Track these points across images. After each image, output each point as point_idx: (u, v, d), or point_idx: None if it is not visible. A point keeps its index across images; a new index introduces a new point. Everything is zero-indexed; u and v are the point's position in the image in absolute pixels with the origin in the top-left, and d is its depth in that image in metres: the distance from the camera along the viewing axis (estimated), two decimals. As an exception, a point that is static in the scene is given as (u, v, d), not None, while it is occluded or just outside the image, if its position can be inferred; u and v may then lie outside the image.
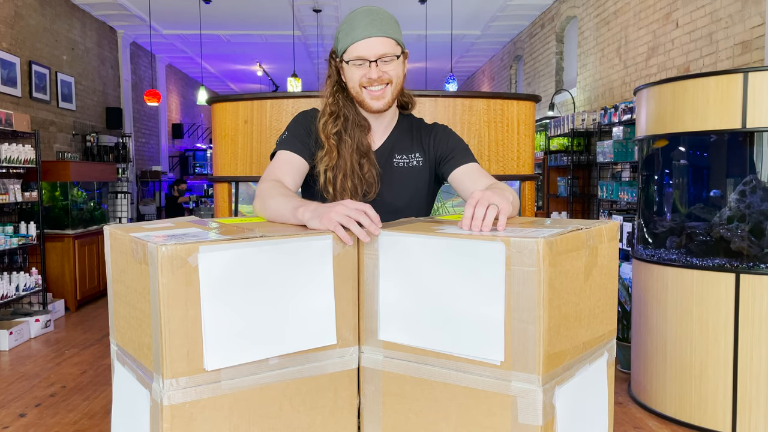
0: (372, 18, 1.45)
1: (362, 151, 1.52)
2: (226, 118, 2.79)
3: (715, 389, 3.00)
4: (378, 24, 1.44)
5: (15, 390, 3.71)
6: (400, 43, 1.49)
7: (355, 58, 1.46)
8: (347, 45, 1.46)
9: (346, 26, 1.48)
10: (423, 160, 1.60)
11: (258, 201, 1.37)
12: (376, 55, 1.45)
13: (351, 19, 1.47)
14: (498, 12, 8.45)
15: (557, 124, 6.83)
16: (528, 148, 2.84)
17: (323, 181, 1.51)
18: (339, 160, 1.49)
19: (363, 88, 1.48)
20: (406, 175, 1.58)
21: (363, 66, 1.46)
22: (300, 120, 1.58)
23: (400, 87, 1.53)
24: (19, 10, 6.26)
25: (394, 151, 1.59)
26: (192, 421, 0.96)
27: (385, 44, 1.45)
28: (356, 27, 1.45)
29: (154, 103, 8.26)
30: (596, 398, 1.13)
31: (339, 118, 1.52)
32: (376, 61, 1.45)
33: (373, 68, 1.45)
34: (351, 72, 1.48)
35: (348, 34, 1.46)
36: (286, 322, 1.04)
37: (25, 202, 5.40)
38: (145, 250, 0.98)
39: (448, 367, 1.02)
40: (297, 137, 1.52)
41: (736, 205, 3.10)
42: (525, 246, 0.93)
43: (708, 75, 3.05)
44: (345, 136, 1.51)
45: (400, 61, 1.50)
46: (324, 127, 1.51)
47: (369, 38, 1.44)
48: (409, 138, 1.62)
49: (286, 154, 1.50)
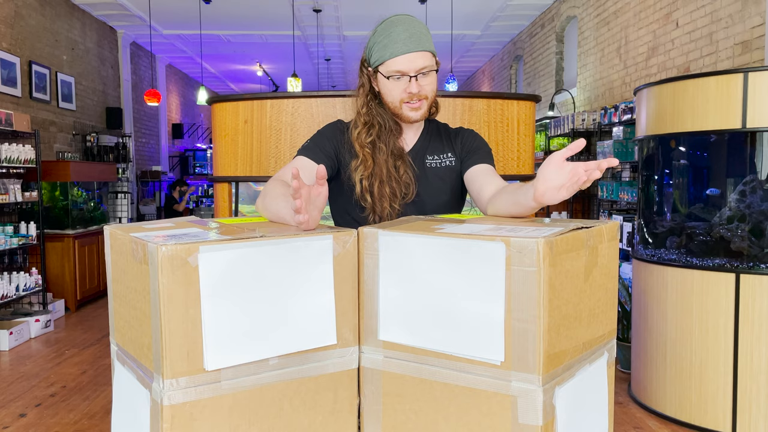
0: (411, 32, 1.47)
1: (396, 154, 1.55)
2: (226, 118, 2.79)
3: (715, 389, 3.00)
4: (417, 38, 1.47)
5: (15, 390, 3.71)
6: (435, 55, 1.51)
7: (395, 72, 1.48)
8: (385, 58, 1.48)
9: (383, 38, 1.48)
10: (455, 159, 1.63)
11: (260, 200, 1.38)
12: (416, 70, 1.47)
13: (388, 31, 1.48)
14: (498, 12, 8.45)
15: (557, 124, 6.83)
16: (528, 148, 2.84)
17: (360, 189, 1.53)
18: (375, 168, 1.52)
19: (402, 103, 1.51)
20: (440, 175, 1.61)
21: (402, 80, 1.48)
22: (325, 132, 1.60)
23: (434, 98, 1.57)
24: (19, 10, 6.26)
25: (426, 153, 1.62)
26: (192, 421, 0.96)
27: (425, 58, 1.47)
28: (396, 41, 1.46)
29: (154, 103, 8.26)
30: (596, 398, 1.13)
31: (373, 127, 1.54)
32: (416, 75, 1.47)
33: (413, 83, 1.47)
34: (389, 86, 1.50)
35: (386, 48, 1.47)
36: (286, 322, 1.04)
37: (25, 202, 5.40)
38: (145, 250, 0.98)
39: (448, 367, 1.02)
40: (319, 147, 1.55)
41: (736, 205, 3.10)
42: (525, 246, 0.93)
43: (708, 75, 3.05)
44: (379, 143, 1.53)
45: (435, 73, 1.52)
46: (358, 136, 1.54)
47: (409, 53, 1.46)
48: (439, 140, 1.65)
49: (303, 159, 1.53)
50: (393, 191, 1.52)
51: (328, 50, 10.66)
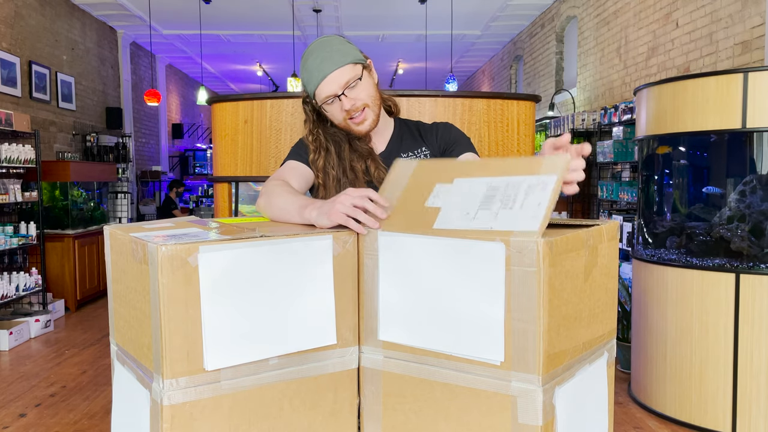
0: (322, 56, 1.47)
1: (365, 156, 1.57)
2: (226, 118, 2.79)
3: (715, 389, 3.00)
4: (329, 59, 1.47)
5: (15, 390, 3.71)
6: (358, 61, 1.50)
7: (325, 98, 1.50)
8: (313, 90, 1.51)
9: (304, 74, 1.52)
10: (430, 153, 1.63)
11: (263, 199, 1.38)
12: (340, 87, 1.48)
13: (305, 65, 1.51)
14: (498, 12, 8.45)
15: (557, 124, 6.83)
16: (528, 148, 2.84)
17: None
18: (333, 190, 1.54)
19: (346, 122, 1.53)
20: None
21: (335, 102, 1.50)
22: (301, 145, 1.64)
23: (378, 100, 1.56)
24: (19, 10, 6.26)
25: (400, 151, 1.63)
26: (192, 421, 0.96)
27: (343, 72, 1.47)
28: (312, 71, 1.48)
29: (154, 103, 8.26)
30: (596, 398, 1.13)
31: (322, 151, 1.57)
32: (343, 92, 1.48)
33: (344, 100, 1.49)
34: (330, 111, 1.54)
35: (310, 81, 1.50)
36: (286, 322, 1.04)
37: (25, 202, 5.40)
38: (145, 250, 0.98)
39: (448, 368, 1.02)
40: (305, 152, 1.59)
41: (736, 205, 3.10)
42: (525, 246, 0.93)
43: (708, 75, 3.05)
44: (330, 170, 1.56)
45: (366, 77, 1.52)
46: (313, 162, 1.57)
47: (326, 77, 1.47)
48: (412, 138, 1.66)
49: (295, 162, 1.57)
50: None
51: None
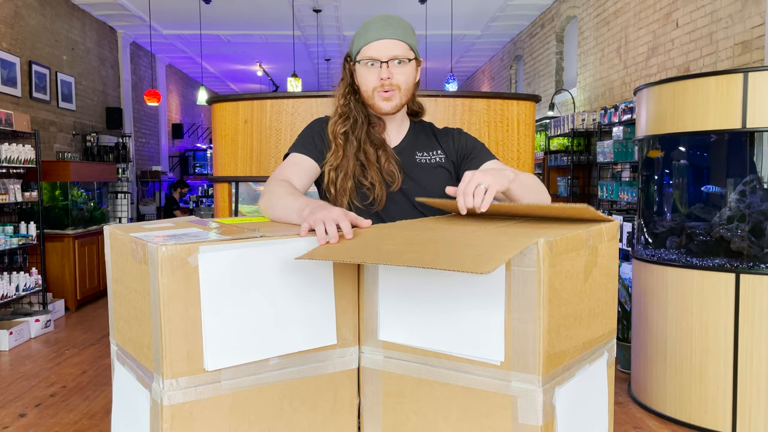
0: (387, 22, 1.50)
1: (377, 144, 1.55)
2: (226, 118, 2.79)
3: (715, 389, 3.00)
4: (392, 27, 1.49)
5: (15, 390, 3.71)
6: (413, 49, 1.52)
7: (368, 59, 1.49)
8: (360, 46, 1.50)
9: (361, 30, 1.52)
10: (445, 158, 1.63)
11: (264, 200, 1.37)
12: (388, 56, 1.48)
13: (367, 23, 1.52)
14: (498, 12, 8.45)
15: (557, 124, 6.83)
16: (528, 148, 2.84)
17: (326, 181, 1.53)
18: (342, 161, 1.51)
19: (375, 91, 1.51)
20: (431, 171, 1.61)
21: (374, 67, 1.49)
22: (313, 126, 1.61)
23: (411, 93, 1.57)
24: (19, 10, 6.26)
25: (415, 149, 1.62)
26: (192, 421, 0.96)
27: (397, 47, 1.48)
28: (370, 30, 1.49)
29: (154, 103, 8.26)
30: (596, 398, 1.13)
31: (348, 119, 1.54)
32: (388, 62, 1.48)
33: (383, 68, 1.48)
34: (363, 73, 1.52)
35: (362, 36, 1.50)
36: (286, 322, 1.04)
37: (25, 202, 5.40)
38: (145, 250, 0.98)
39: (448, 368, 1.02)
40: (309, 141, 1.56)
41: (736, 205, 3.10)
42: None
43: (708, 75, 3.05)
44: (352, 136, 1.53)
45: (411, 66, 1.52)
46: (333, 127, 1.54)
47: (382, 40, 1.48)
48: (427, 137, 1.65)
49: (296, 156, 1.53)
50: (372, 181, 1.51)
51: (328, 50, 10.66)
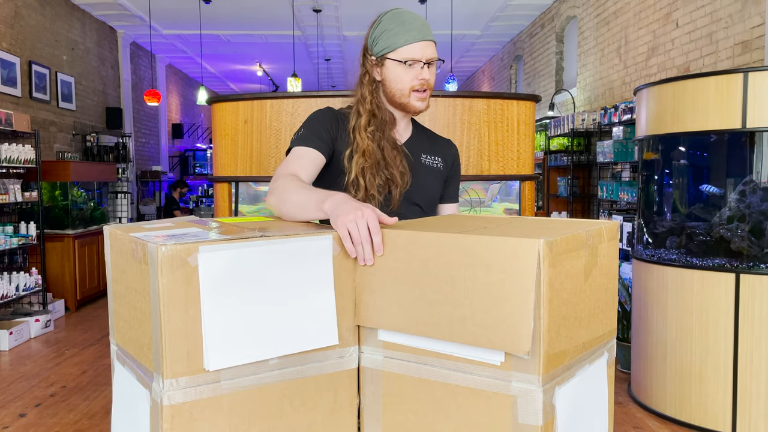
0: (421, 21, 1.51)
1: (391, 144, 1.56)
2: (226, 118, 2.79)
3: (715, 389, 3.00)
4: (427, 28, 1.52)
5: (15, 390, 3.71)
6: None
7: (409, 59, 1.50)
8: (399, 45, 1.50)
9: (394, 26, 1.50)
10: (443, 166, 1.67)
11: (274, 196, 1.33)
12: (428, 58, 1.50)
13: (400, 18, 1.51)
14: (498, 12, 8.45)
15: (557, 124, 6.83)
16: (528, 148, 2.84)
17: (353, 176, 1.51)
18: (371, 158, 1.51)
19: (411, 91, 1.52)
20: (432, 174, 1.63)
21: (415, 67, 1.50)
22: (317, 117, 1.58)
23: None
24: (19, 10, 6.26)
25: (421, 150, 1.64)
26: (192, 421, 0.96)
27: (433, 49, 1.52)
28: (410, 28, 1.49)
29: (154, 103, 8.26)
30: (596, 398, 1.13)
31: (376, 117, 1.55)
32: (428, 63, 1.51)
33: (425, 70, 1.51)
34: (400, 72, 1.52)
35: (399, 35, 1.49)
36: (286, 322, 1.04)
37: (25, 202, 5.40)
38: (145, 250, 0.98)
39: (448, 368, 1.02)
40: (314, 133, 1.52)
41: (736, 205, 3.10)
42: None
43: (708, 75, 3.05)
44: (378, 134, 1.55)
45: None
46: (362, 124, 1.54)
47: (423, 41, 1.49)
48: (429, 141, 1.68)
49: (301, 149, 1.49)
50: (391, 178, 1.52)
51: (328, 50, 10.66)
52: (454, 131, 2.66)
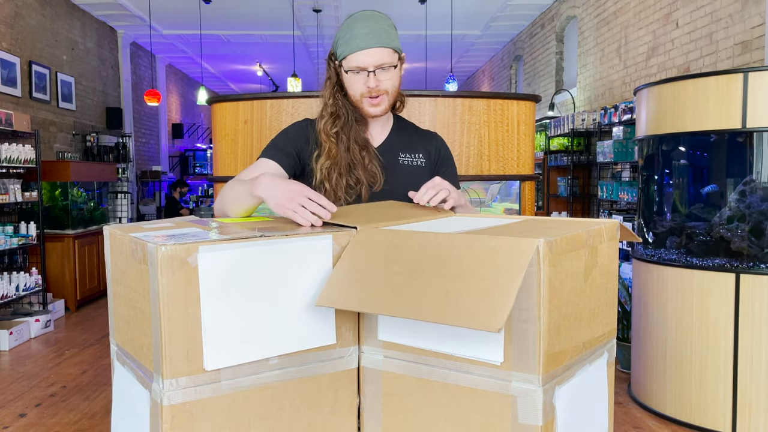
0: (371, 28, 1.49)
1: (360, 145, 1.57)
2: (226, 118, 2.79)
3: (715, 389, 3.00)
4: (376, 34, 1.49)
5: (15, 390, 3.71)
6: (397, 50, 1.53)
7: (354, 68, 1.51)
8: (346, 53, 1.51)
9: (345, 33, 1.52)
10: (426, 161, 1.65)
11: (217, 198, 1.43)
12: (374, 65, 1.50)
13: (350, 26, 1.51)
14: (498, 12, 8.45)
15: (557, 124, 6.83)
16: (528, 148, 2.84)
17: (319, 178, 1.55)
18: (335, 159, 1.53)
19: (363, 97, 1.54)
20: (412, 173, 1.62)
21: (361, 75, 1.51)
22: (287, 130, 1.63)
23: (396, 93, 1.59)
24: (19, 10, 6.26)
25: (399, 150, 1.63)
26: (192, 421, 0.96)
27: (383, 54, 1.50)
28: (356, 36, 1.49)
29: (154, 103, 8.26)
30: (596, 398, 1.13)
31: (339, 118, 1.57)
32: (375, 70, 1.50)
33: (371, 77, 1.50)
34: (350, 80, 1.54)
35: (348, 43, 1.50)
36: (286, 322, 1.04)
37: (25, 202, 5.40)
38: (144, 251, 0.98)
39: (448, 367, 1.02)
40: (279, 147, 1.57)
41: (736, 205, 3.10)
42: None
43: (708, 75, 3.05)
44: (342, 134, 1.56)
45: (397, 69, 1.55)
46: (324, 126, 1.56)
47: (368, 49, 1.48)
48: (409, 137, 1.67)
49: (261, 160, 1.55)
50: (357, 180, 1.53)
51: (328, 50, 10.62)
52: (454, 131, 2.66)
